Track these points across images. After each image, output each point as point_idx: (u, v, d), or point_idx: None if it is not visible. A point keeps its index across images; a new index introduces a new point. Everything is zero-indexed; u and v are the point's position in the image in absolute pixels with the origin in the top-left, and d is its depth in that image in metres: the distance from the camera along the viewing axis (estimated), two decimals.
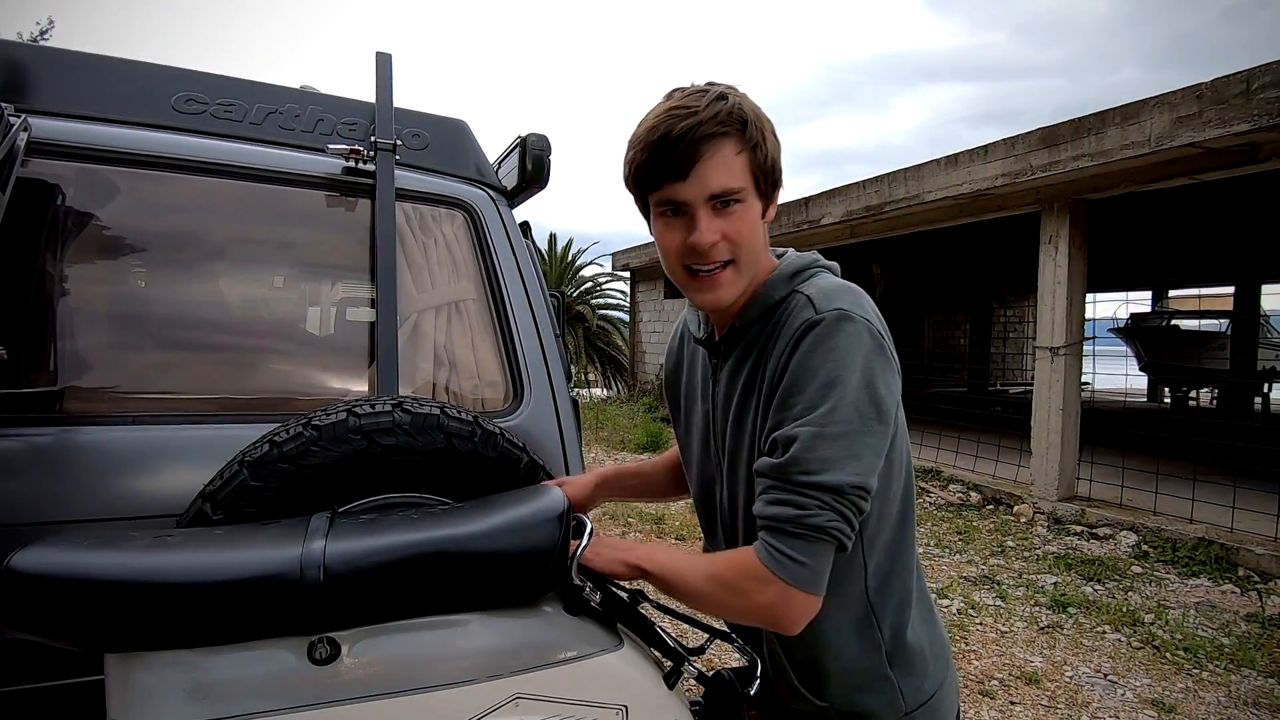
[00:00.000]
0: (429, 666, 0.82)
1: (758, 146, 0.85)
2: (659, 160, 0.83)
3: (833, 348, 0.81)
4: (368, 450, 1.00)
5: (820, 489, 0.79)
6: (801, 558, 0.79)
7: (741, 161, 0.85)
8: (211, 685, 0.75)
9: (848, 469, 0.79)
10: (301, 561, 0.76)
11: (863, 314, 0.83)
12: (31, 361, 1.21)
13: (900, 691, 0.91)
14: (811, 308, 0.84)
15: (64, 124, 1.28)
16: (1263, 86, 3.87)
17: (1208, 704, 2.83)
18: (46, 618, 0.72)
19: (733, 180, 0.84)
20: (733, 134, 0.83)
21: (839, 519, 0.79)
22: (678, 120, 0.82)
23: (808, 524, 0.79)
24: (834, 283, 0.89)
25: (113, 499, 1.16)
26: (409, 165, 1.56)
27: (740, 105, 0.85)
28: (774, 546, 0.80)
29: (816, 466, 0.79)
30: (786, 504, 0.80)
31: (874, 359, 0.81)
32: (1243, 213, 7.28)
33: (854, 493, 0.80)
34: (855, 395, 0.80)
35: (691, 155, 0.82)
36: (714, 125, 0.82)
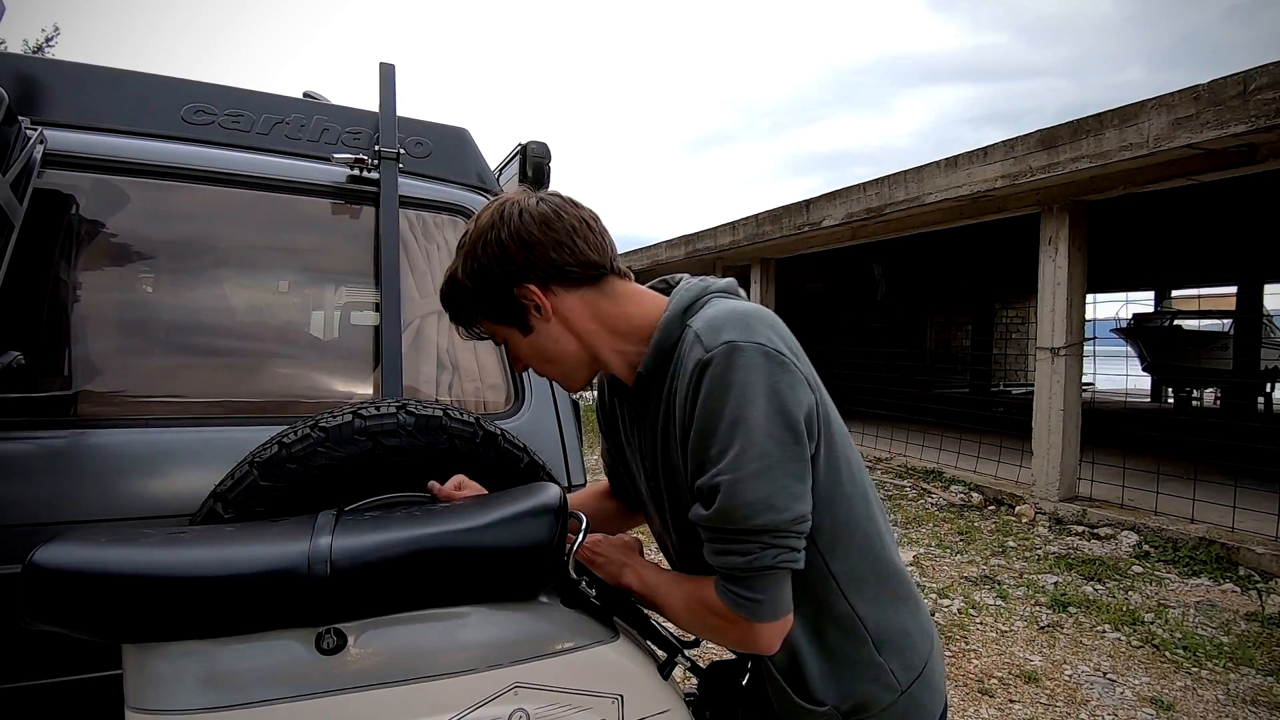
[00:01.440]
0: (431, 657, 0.85)
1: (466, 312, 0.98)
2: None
3: (729, 384, 0.80)
4: (373, 451, 1.03)
5: (757, 533, 0.80)
6: (758, 595, 0.82)
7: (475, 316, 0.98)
8: (224, 674, 0.78)
9: (776, 507, 0.80)
10: (309, 556, 0.79)
11: (751, 339, 0.82)
12: (46, 366, 1.25)
13: (893, 673, 0.93)
14: (700, 346, 0.83)
15: (78, 136, 1.32)
16: (1260, 88, 3.89)
17: (1206, 702, 2.85)
18: (68, 610, 0.75)
19: (484, 329, 1.00)
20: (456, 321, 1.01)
21: (784, 551, 0.81)
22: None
23: (756, 567, 0.81)
24: (722, 310, 0.87)
25: (126, 499, 1.19)
26: (412, 173, 1.59)
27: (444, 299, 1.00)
28: (731, 591, 0.83)
29: (745, 513, 0.80)
30: (731, 553, 0.82)
31: (775, 379, 0.81)
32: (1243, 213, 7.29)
33: (790, 525, 0.81)
34: (765, 427, 0.79)
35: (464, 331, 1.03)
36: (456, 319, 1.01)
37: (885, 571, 0.95)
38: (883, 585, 0.95)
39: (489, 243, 0.92)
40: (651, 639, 1.02)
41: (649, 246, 11.99)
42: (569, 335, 0.95)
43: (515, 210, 0.92)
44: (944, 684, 1.02)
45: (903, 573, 0.99)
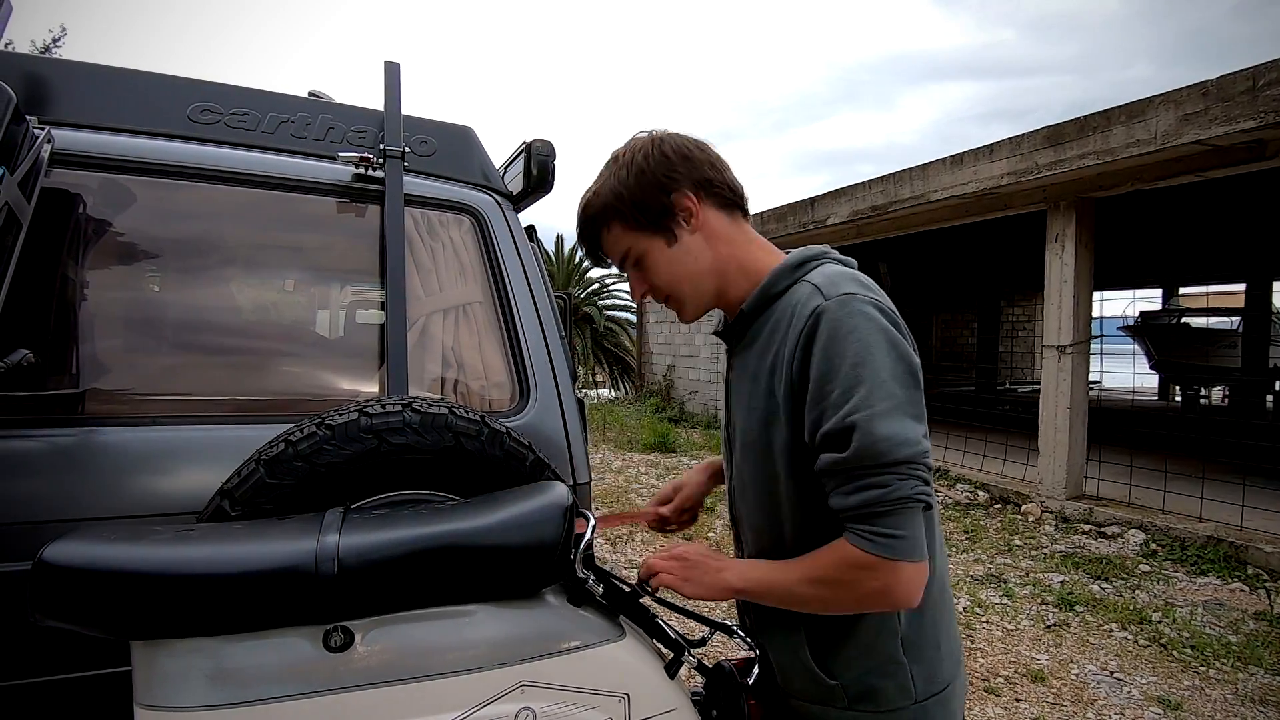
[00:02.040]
0: (438, 654, 0.85)
1: (616, 211, 0.98)
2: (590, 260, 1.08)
3: (851, 329, 0.84)
4: (379, 449, 1.03)
5: (893, 466, 0.81)
6: (899, 531, 0.82)
7: (617, 231, 1.00)
8: (232, 671, 0.79)
9: (909, 439, 0.82)
10: (317, 554, 0.79)
11: (869, 294, 0.87)
12: (55, 364, 1.26)
13: (912, 678, 0.92)
14: (820, 295, 0.88)
15: (85, 135, 1.32)
16: (1269, 84, 3.86)
17: (1214, 701, 2.83)
18: (77, 607, 0.75)
19: (620, 247, 1.01)
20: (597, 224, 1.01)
21: (920, 483, 0.83)
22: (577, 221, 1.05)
23: (895, 498, 0.81)
24: (839, 270, 0.93)
25: (134, 497, 1.20)
26: (417, 171, 1.59)
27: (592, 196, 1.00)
28: (869, 531, 0.82)
29: (884, 448, 0.81)
30: (868, 488, 0.82)
31: (891, 331, 0.85)
32: (1252, 209, 7.23)
33: (922, 458, 0.83)
34: (890, 368, 0.83)
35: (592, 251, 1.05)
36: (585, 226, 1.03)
37: (935, 571, 0.94)
38: (927, 589, 0.93)
39: (649, 153, 0.97)
40: (658, 638, 1.01)
41: None
42: (707, 251, 0.99)
43: (669, 132, 1.00)
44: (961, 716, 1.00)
45: (947, 590, 1.00)
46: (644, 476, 6.89)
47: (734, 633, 1.06)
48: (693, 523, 1.31)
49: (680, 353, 11.82)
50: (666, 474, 7.03)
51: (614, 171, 0.98)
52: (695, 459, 7.93)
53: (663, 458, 7.98)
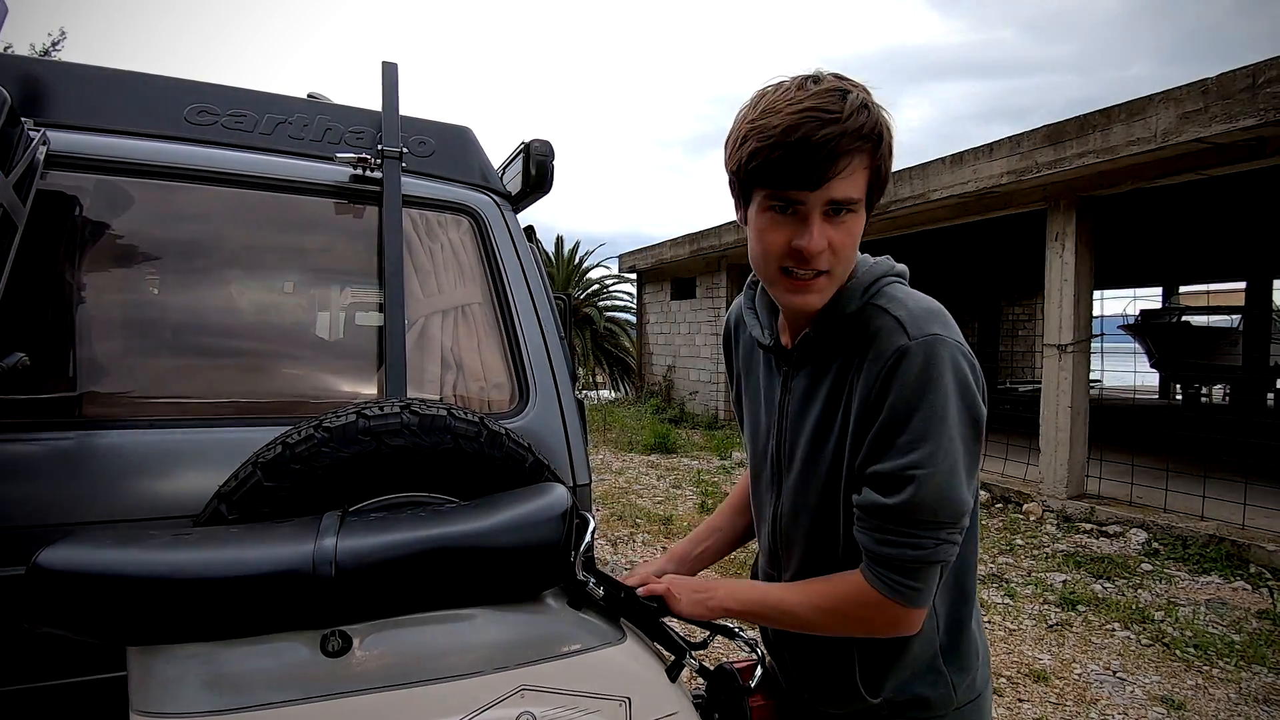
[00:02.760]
0: (438, 659, 0.85)
1: (882, 163, 0.84)
2: (792, 163, 0.79)
3: (934, 378, 0.81)
4: (377, 451, 1.03)
5: (938, 527, 0.82)
6: (918, 584, 0.84)
7: (865, 175, 0.83)
8: (229, 676, 0.78)
9: (960, 500, 0.82)
10: (314, 558, 0.79)
11: (954, 337, 0.84)
12: (52, 367, 1.25)
13: (952, 685, 0.92)
14: (904, 334, 0.83)
15: (81, 137, 1.32)
16: (1269, 81, 3.85)
17: (1218, 701, 2.82)
18: (72, 613, 0.75)
19: (855, 191, 0.82)
20: (866, 150, 0.81)
21: (951, 546, 0.84)
22: (820, 124, 0.77)
23: (926, 560, 0.83)
24: (920, 304, 0.87)
25: (131, 500, 1.19)
26: (415, 172, 1.59)
27: (879, 120, 0.82)
28: (891, 579, 0.84)
29: (934, 506, 0.81)
30: (904, 545, 0.82)
31: (969, 381, 0.83)
32: (1252, 207, 7.23)
33: (961, 522, 0.84)
34: (958, 425, 0.81)
35: (829, 167, 0.79)
36: (856, 139, 0.79)
37: (967, 586, 0.95)
38: (963, 597, 0.94)
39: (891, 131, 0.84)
40: (659, 641, 1.01)
41: (653, 245, 11.97)
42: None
43: None
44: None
45: (976, 595, 0.99)
46: (644, 477, 6.89)
47: (736, 635, 1.05)
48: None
49: (680, 353, 11.82)
50: (667, 474, 7.03)
51: (889, 128, 0.83)
52: (696, 460, 7.92)
53: (663, 458, 7.97)
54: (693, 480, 6.73)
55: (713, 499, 5.90)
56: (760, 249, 0.87)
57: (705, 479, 6.75)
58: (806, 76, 0.83)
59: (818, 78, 0.82)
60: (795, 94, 0.80)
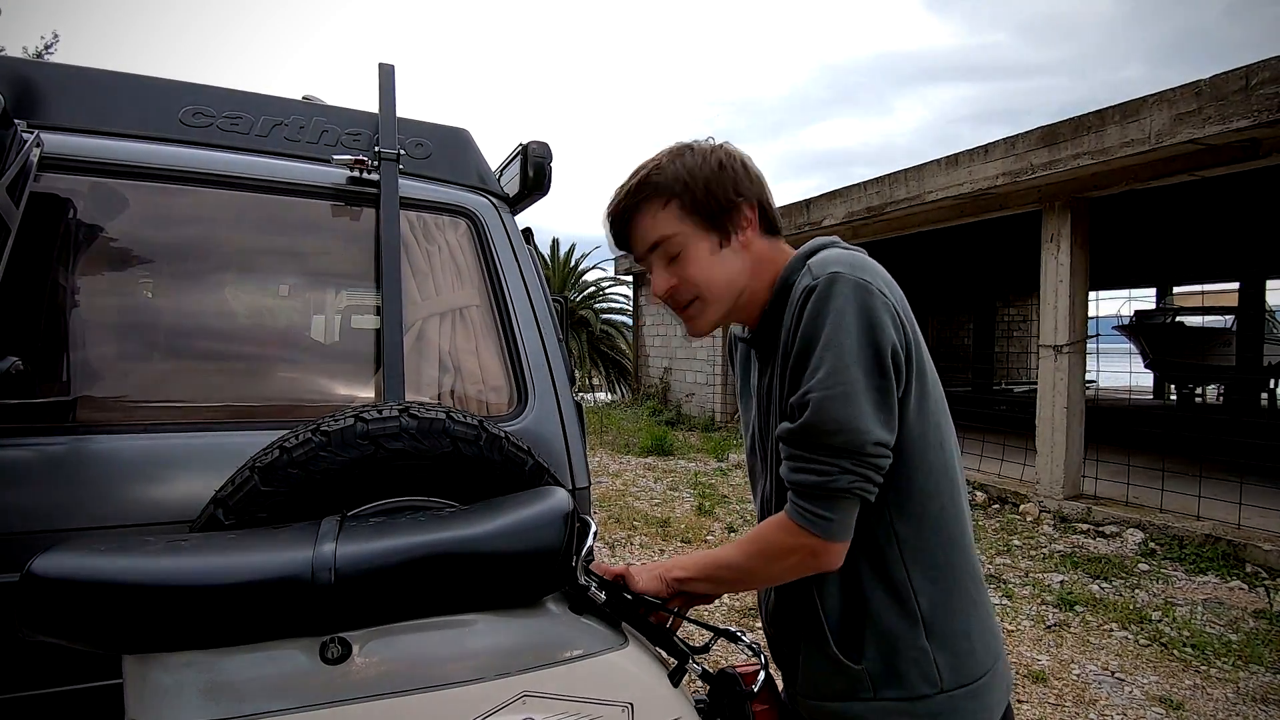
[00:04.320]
0: (438, 665, 0.84)
1: (685, 192, 0.95)
2: (612, 235, 1.01)
3: (828, 310, 0.85)
4: (375, 455, 1.02)
5: (839, 453, 0.85)
6: (829, 514, 0.87)
7: (669, 212, 0.96)
8: (227, 685, 0.77)
9: (860, 427, 0.84)
10: (313, 564, 0.78)
11: (858, 274, 0.87)
12: (45, 372, 1.24)
13: (936, 665, 0.91)
14: (809, 275, 0.89)
15: (75, 139, 1.30)
16: (1262, 82, 3.87)
17: (1215, 700, 2.83)
18: (67, 621, 0.73)
19: (663, 229, 0.96)
20: (651, 197, 0.96)
21: (860, 479, 0.86)
22: (613, 200, 1.00)
23: (831, 489, 0.86)
24: (836, 252, 0.93)
25: (126, 506, 1.18)
26: (412, 174, 1.58)
27: (656, 169, 0.96)
28: (802, 508, 0.88)
29: (831, 429, 0.84)
30: (809, 470, 0.87)
31: (869, 313, 0.85)
32: (1246, 208, 7.27)
33: (873, 450, 0.85)
34: (854, 352, 0.84)
35: (625, 229, 0.99)
36: (632, 199, 0.97)
37: (958, 561, 0.94)
38: (950, 572, 0.93)
39: (731, 155, 0.98)
40: (662, 646, 1.00)
41: None
42: (745, 267, 0.99)
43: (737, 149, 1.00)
44: (1000, 714, 0.97)
45: (979, 578, 0.98)
46: (641, 480, 6.87)
47: (738, 639, 1.05)
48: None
49: (677, 355, 11.82)
50: (664, 477, 7.02)
51: (688, 157, 0.96)
52: (693, 461, 7.92)
53: (660, 460, 7.96)
54: (690, 482, 6.73)
55: (710, 501, 5.89)
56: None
57: (702, 481, 6.75)
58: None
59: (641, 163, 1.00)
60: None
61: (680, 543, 4.89)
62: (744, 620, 3.57)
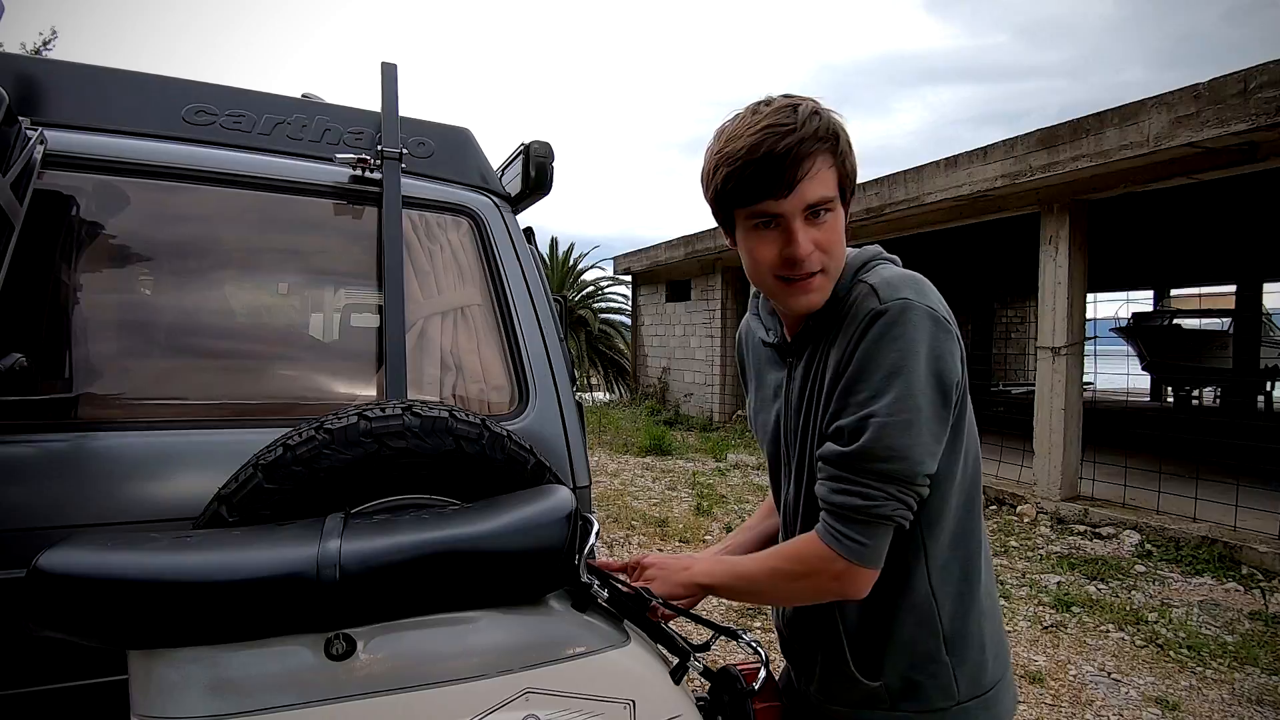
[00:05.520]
0: (442, 662, 0.84)
1: (845, 158, 0.89)
2: (761, 176, 0.85)
3: (898, 336, 0.83)
4: (379, 453, 1.02)
5: (887, 478, 0.83)
6: (865, 540, 0.85)
7: (833, 174, 0.87)
8: (232, 681, 0.77)
9: (914, 458, 0.83)
10: (318, 561, 0.78)
11: (926, 302, 0.85)
12: (48, 369, 1.24)
13: (955, 678, 0.92)
14: (875, 297, 0.86)
15: (78, 136, 1.31)
16: (1260, 86, 3.89)
17: (1211, 702, 2.84)
18: (73, 616, 0.74)
19: (827, 190, 0.87)
20: (827, 150, 0.86)
21: (903, 508, 0.85)
22: (779, 137, 0.83)
23: (875, 514, 0.84)
24: (897, 272, 0.91)
25: (129, 503, 1.18)
26: (415, 173, 1.58)
27: (832, 120, 0.87)
28: (840, 531, 0.86)
29: (885, 454, 0.83)
30: (854, 494, 0.85)
31: (939, 344, 0.84)
32: (1243, 212, 7.29)
33: (921, 481, 0.84)
34: (921, 383, 0.83)
35: (795, 171, 0.84)
36: (815, 141, 0.84)
37: (974, 576, 0.95)
38: (970, 587, 0.94)
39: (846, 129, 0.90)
40: (663, 643, 1.00)
41: (649, 247, 11.98)
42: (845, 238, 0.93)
43: None
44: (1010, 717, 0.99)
45: (994, 589, 0.99)
46: (640, 479, 6.88)
47: (739, 637, 1.05)
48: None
49: (675, 355, 11.82)
50: (662, 476, 7.02)
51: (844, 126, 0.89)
52: (691, 461, 7.92)
53: (658, 460, 7.96)
54: (688, 482, 6.73)
55: (708, 501, 5.89)
56: (753, 264, 0.92)
57: (701, 481, 6.75)
58: (758, 101, 0.90)
59: (768, 100, 0.89)
60: (751, 118, 0.87)
61: (679, 542, 4.90)
62: (743, 620, 3.58)
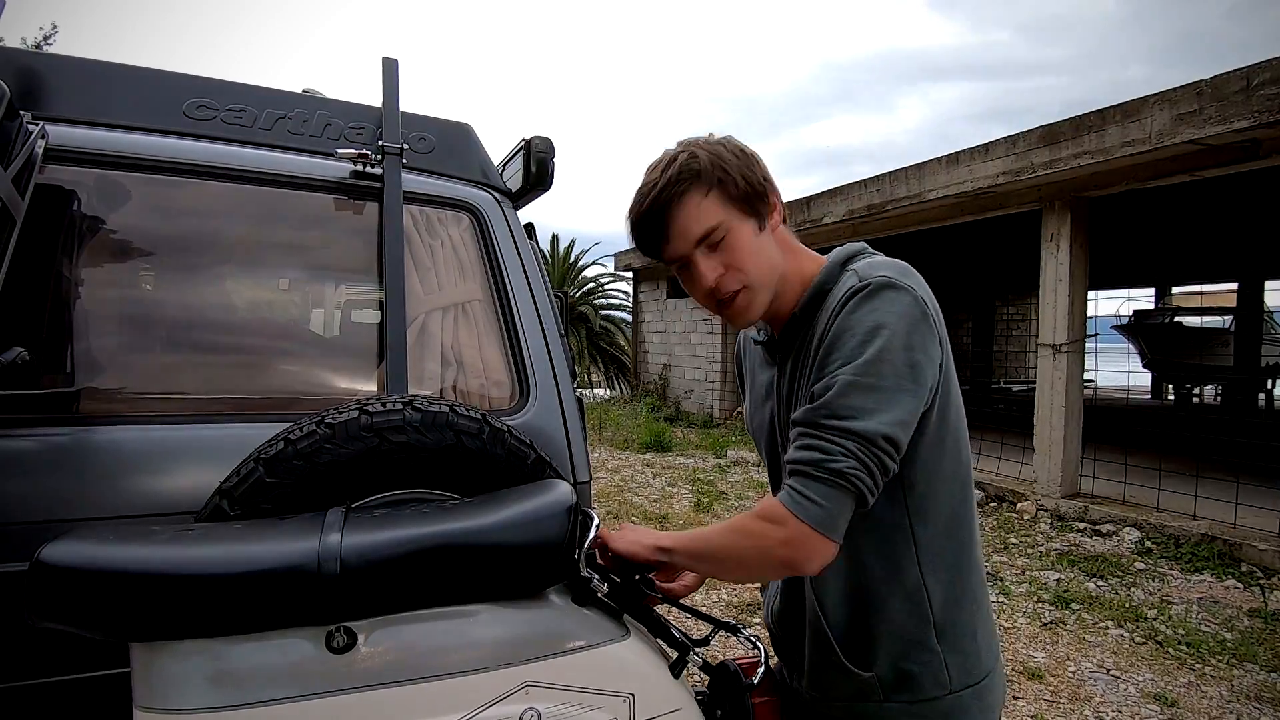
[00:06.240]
0: (442, 655, 0.84)
1: (721, 180, 0.91)
2: (643, 235, 0.95)
3: (874, 308, 0.85)
4: (379, 447, 1.02)
5: (846, 434, 0.82)
6: (819, 499, 0.83)
7: (712, 200, 0.91)
8: (233, 673, 0.78)
9: (877, 418, 0.82)
10: (319, 554, 0.78)
11: (907, 282, 0.87)
12: (49, 363, 1.24)
13: (946, 667, 0.92)
14: (856, 277, 0.89)
15: (80, 131, 1.31)
16: (1263, 83, 3.88)
17: (1210, 698, 2.85)
18: (75, 608, 0.74)
19: (708, 219, 0.91)
20: (691, 186, 0.91)
21: (860, 468, 0.82)
22: (643, 196, 0.93)
23: (829, 468, 0.82)
24: (884, 260, 0.94)
25: (131, 496, 1.19)
26: (415, 168, 1.58)
27: (691, 157, 0.91)
28: (794, 488, 0.84)
29: (846, 412, 0.83)
30: (812, 448, 0.84)
31: (916, 324, 0.85)
32: (1245, 209, 7.28)
33: (882, 444, 0.82)
34: (893, 354, 0.83)
35: (661, 222, 0.92)
36: (671, 187, 0.90)
37: (967, 565, 0.95)
38: (961, 575, 0.94)
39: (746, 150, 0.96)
40: (662, 637, 1.01)
41: None
42: (779, 254, 0.97)
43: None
44: (1000, 714, 0.99)
45: (983, 582, 0.99)
46: (640, 476, 6.89)
47: (738, 631, 1.06)
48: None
49: (676, 352, 11.82)
50: (663, 473, 7.03)
51: (711, 148, 0.93)
52: (691, 458, 7.93)
53: (659, 457, 7.97)
54: (688, 479, 6.74)
55: (708, 497, 5.90)
56: (693, 297, 1.00)
57: (701, 477, 6.76)
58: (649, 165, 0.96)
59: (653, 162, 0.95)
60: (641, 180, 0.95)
61: None
62: (743, 615, 3.58)
